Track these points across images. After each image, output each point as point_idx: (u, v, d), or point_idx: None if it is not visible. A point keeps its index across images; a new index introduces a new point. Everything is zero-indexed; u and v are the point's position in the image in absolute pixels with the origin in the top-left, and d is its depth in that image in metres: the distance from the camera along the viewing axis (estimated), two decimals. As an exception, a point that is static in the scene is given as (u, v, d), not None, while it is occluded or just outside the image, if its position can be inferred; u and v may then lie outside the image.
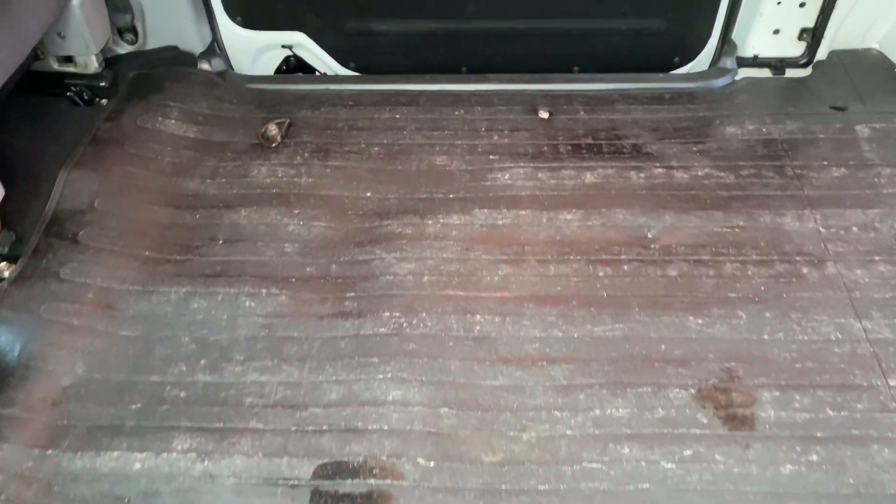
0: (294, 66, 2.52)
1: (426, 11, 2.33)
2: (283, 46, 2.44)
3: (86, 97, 2.18)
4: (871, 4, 2.21)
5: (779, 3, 2.18)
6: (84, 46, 2.05)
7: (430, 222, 1.86)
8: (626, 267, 1.73)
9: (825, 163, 1.97)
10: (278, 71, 2.52)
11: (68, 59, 2.11)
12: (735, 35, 2.32)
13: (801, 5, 2.18)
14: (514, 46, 2.40)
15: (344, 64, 2.46)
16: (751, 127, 2.09)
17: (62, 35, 2.00)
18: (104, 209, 1.85)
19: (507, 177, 1.99)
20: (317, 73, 2.51)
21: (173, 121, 2.12)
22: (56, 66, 2.13)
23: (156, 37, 2.30)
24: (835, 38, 2.28)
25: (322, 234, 1.83)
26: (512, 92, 2.27)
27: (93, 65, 2.12)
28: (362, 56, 2.45)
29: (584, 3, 2.30)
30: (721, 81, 2.27)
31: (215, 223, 1.86)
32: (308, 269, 1.75)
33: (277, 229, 1.84)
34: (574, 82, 2.29)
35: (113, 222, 1.82)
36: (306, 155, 2.06)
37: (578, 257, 1.75)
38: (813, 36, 2.23)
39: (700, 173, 1.96)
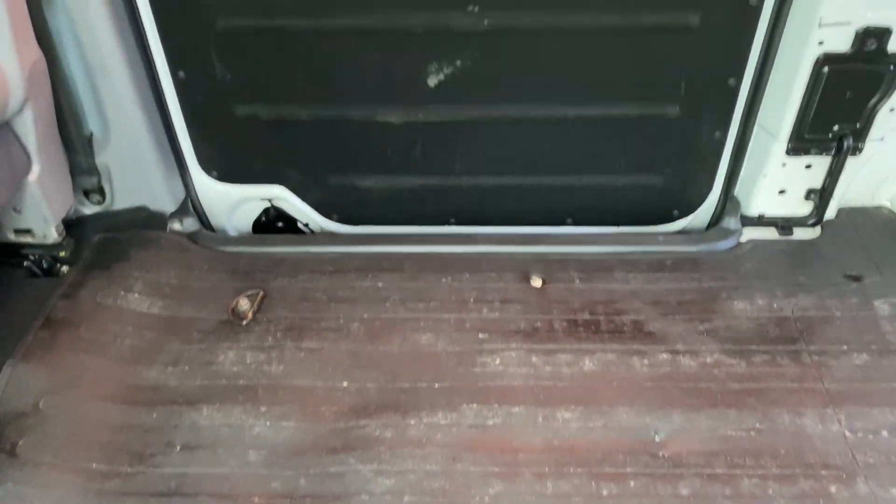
0: (274, 217, 2.39)
1: (412, 168, 2.22)
2: (263, 199, 2.32)
3: (45, 265, 2.03)
4: (880, 162, 2.10)
5: (784, 164, 2.06)
6: (42, 220, 1.91)
7: (412, 422, 1.67)
8: (632, 483, 1.54)
9: (845, 347, 1.80)
10: (257, 222, 2.40)
11: (26, 231, 1.97)
12: (738, 192, 2.20)
13: (808, 167, 2.07)
14: (505, 201, 2.28)
15: (327, 216, 2.34)
16: (761, 302, 1.94)
17: (18, 210, 1.86)
18: (50, 410, 1.66)
19: (497, 362, 1.82)
20: (298, 224, 2.38)
21: (137, 294, 1.96)
22: (12, 237, 1.98)
23: (124, 196, 2.17)
24: (844, 197, 2.16)
25: (291, 438, 1.64)
26: (503, 255, 2.13)
27: (52, 235, 1.97)
28: (346, 208, 2.32)
29: (576, 160, 2.19)
30: (726, 244, 2.13)
31: (173, 424, 1.67)
32: (273, 483, 1.56)
33: (242, 432, 1.65)
34: (569, 244, 2.16)
35: (58, 428, 1.63)
36: (279, 335, 1.89)
37: (579, 470, 1.56)
38: (821, 197, 2.11)
39: (709, 360, 1.79)
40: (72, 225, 2.11)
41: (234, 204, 2.31)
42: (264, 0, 1.89)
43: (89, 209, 2.17)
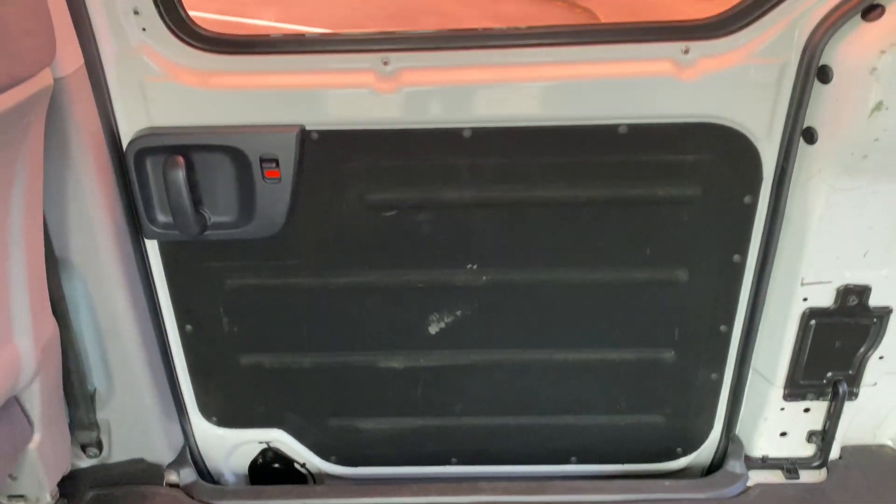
0: (271, 458, 2.36)
1: (413, 410, 2.23)
2: (260, 443, 2.30)
3: (34, 526, 1.95)
4: (876, 405, 2.13)
5: (783, 409, 2.09)
6: (37, 486, 1.87)
7: None
8: None
9: None
10: (253, 464, 2.36)
11: (19, 497, 1.92)
12: (740, 432, 2.21)
13: (806, 410, 2.09)
14: (507, 441, 2.27)
15: (325, 458, 2.31)
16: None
17: (14, 476, 1.83)
18: None
19: None
20: (296, 465, 2.35)
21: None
22: (4, 502, 1.93)
23: (122, 448, 2.15)
24: (846, 436, 2.16)
25: None
26: (508, 505, 2.09)
27: (45, 499, 1.92)
28: (345, 450, 2.31)
29: (576, 401, 2.21)
30: (733, 490, 2.10)
31: None
32: None
33: None
34: (574, 493, 2.12)
35: None
36: None
37: None
38: (822, 439, 2.11)
39: None
40: (65, 478, 2.06)
41: (232, 447, 2.29)
42: (273, 262, 1.99)
43: (85, 462, 2.14)
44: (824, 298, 1.92)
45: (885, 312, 1.93)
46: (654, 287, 2.02)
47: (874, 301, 1.91)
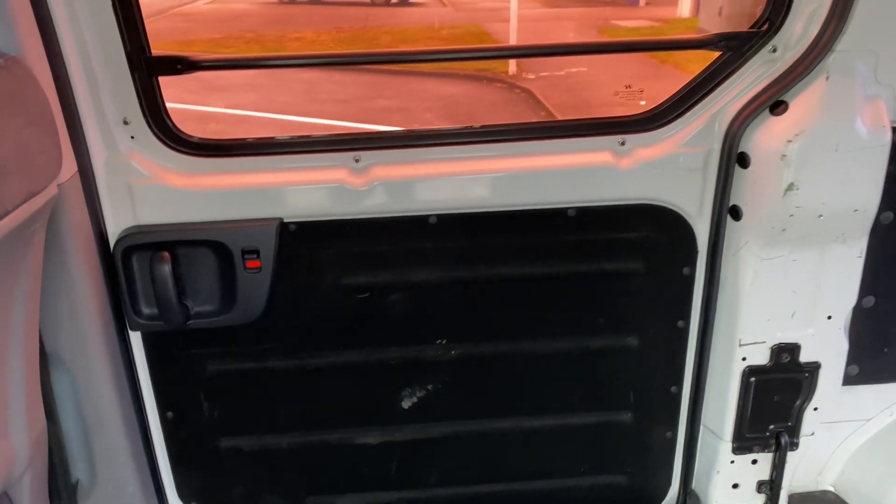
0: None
1: (389, 483, 2.31)
2: (238, 527, 2.34)
3: None
4: (816, 453, 2.31)
5: (732, 462, 2.25)
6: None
7: None
8: None
9: None
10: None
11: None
12: (696, 487, 2.35)
13: (754, 462, 2.26)
14: None
15: None
16: None
17: (-1, 571, 1.84)
18: None
19: None
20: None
21: None
22: None
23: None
24: (791, 484, 2.33)
25: None
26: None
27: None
28: None
29: (542, 466, 2.33)
30: (694, 542, 2.24)
31: None
32: None
33: None
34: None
35: None
36: None
37: None
38: (770, 488, 2.27)
39: None
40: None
41: None
42: (252, 347, 2.10)
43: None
44: (761, 357, 2.12)
45: (814, 367, 2.13)
46: (609, 354, 2.19)
47: (804, 357, 2.12)
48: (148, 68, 1.82)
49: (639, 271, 2.10)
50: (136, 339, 2.06)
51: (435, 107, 11.58)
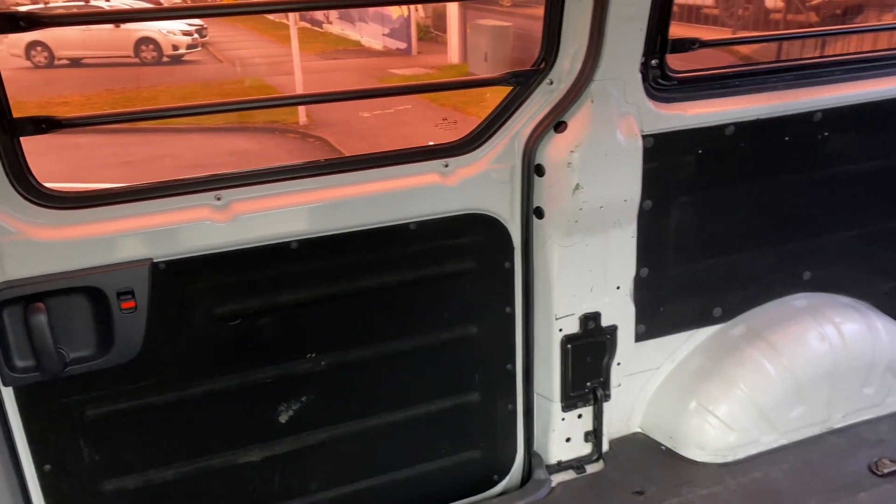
0: None
1: (273, 497, 2.48)
2: None
3: None
4: (625, 399, 2.84)
5: (563, 419, 2.72)
6: None
7: None
8: None
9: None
10: None
11: None
12: (537, 448, 2.79)
13: (580, 416, 2.74)
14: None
15: None
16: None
17: None
18: None
19: None
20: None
21: None
22: None
23: None
24: (609, 432, 2.84)
25: None
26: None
27: None
28: None
29: (409, 452, 2.62)
30: (542, 493, 2.65)
31: None
32: None
33: None
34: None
35: None
36: None
37: None
38: (595, 437, 2.77)
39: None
40: None
41: None
42: (131, 385, 2.20)
43: None
44: (573, 327, 2.61)
45: (613, 329, 2.67)
46: (454, 344, 2.57)
47: (605, 322, 2.65)
48: (11, 130, 1.91)
49: (471, 270, 2.51)
50: (7, 395, 2.08)
51: (229, 162, 11.56)
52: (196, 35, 20.53)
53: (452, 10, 18.77)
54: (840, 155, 2.86)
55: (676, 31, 2.54)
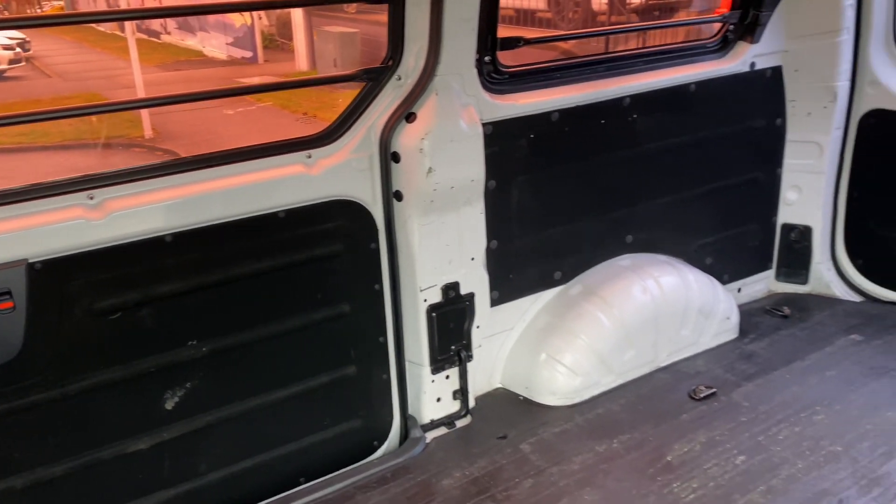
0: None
1: (164, 482, 2.59)
2: None
3: None
4: (486, 358, 3.18)
5: (433, 381, 3.01)
6: None
7: None
8: None
9: (517, 479, 2.69)
10: None
11: None
12: (412, 411, 3.06)
13: (447, 377, 3.05)
14: (249, 481, 2.75)
15: None
16: (457, 474, 2.75)
17: None
18: None
19: None
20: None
21: None
22: None
23: None
24: (476, 389, 3.17)
25: None
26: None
27: None
28: None
29: (296, 428, 2.81)
30: (418, 449, 2.92)
31: None
32: None
33: None
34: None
35: None
36: None
37: None
38: (462, 395, 3.09)
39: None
40: None
41: None
42: (13, 385, 2.25)
43: None
44: (436, 297, 2.91)
45: (471, 297, 3.00)
46: (329, 322, 2.79)
47: (463, 290, 2.97)
48: None
49: (339, 252, 2.74)
50: None
51: (71, 180, 10.93)
52: (18, 49, 19.12)
53: (298, 17, 18.74)
54: (647, 134, 3.37)
55: (515, 33, 2.93)
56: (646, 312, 3.29)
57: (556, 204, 3.22)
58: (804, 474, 2.63)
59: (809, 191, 3.82)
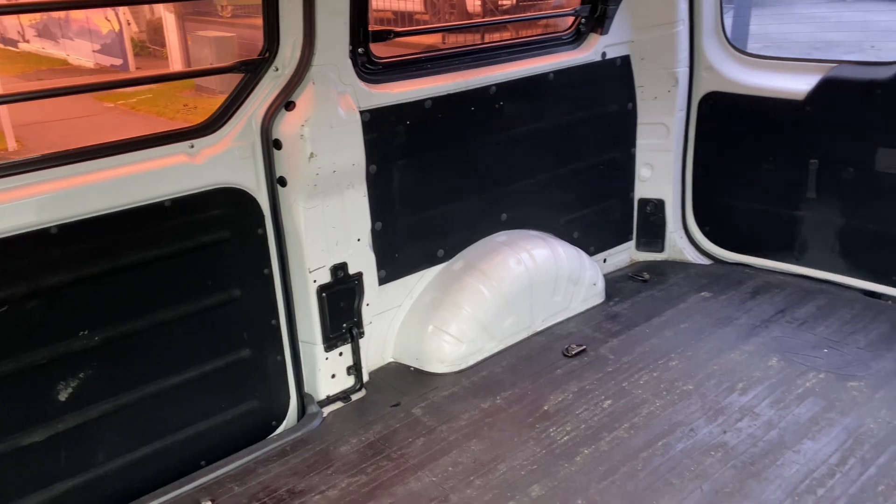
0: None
1: (62, 473, 2.60)
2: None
3: None
4: (376, 335, 3.37)
5: (327, 358, 3.16)
6: None
7: None
8: None
9: (410, 439, 2.89)
10: None
11: None
12: (308, 389, 3.20)
13: (341, 354, 3.21)
14: (152, 468, 2.80)
15: None
16: (353, 440, 2.92)
17: None
18: None
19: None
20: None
21: None
22: None
23: None
24: (369, 364, 3.35)
25: None
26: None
27: None
28: None
29: (195, 412, 2.89)
30: (316, 423, 3.07)
31: None
32: None
33: None
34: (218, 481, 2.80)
35: None
36: None
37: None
38: (356, 370, 3.26)
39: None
40: None
41: None
42: None
43: None
44: (325, 277, 3.07)
45: (359, 276, 3.18)
46: (221, 307, 2.89)
47: (351, 270, 3.14)
48: None
49: (227, 238, 2.85)
50: None
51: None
52: None
53: (170, 22, 18.16)
54: (514, 119, 3.66)
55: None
56: (521, 283, 3.57)
57: (436, 186, 3.45)
58: (661, 410, 2.98)
59: (660, 168, 4.25)
